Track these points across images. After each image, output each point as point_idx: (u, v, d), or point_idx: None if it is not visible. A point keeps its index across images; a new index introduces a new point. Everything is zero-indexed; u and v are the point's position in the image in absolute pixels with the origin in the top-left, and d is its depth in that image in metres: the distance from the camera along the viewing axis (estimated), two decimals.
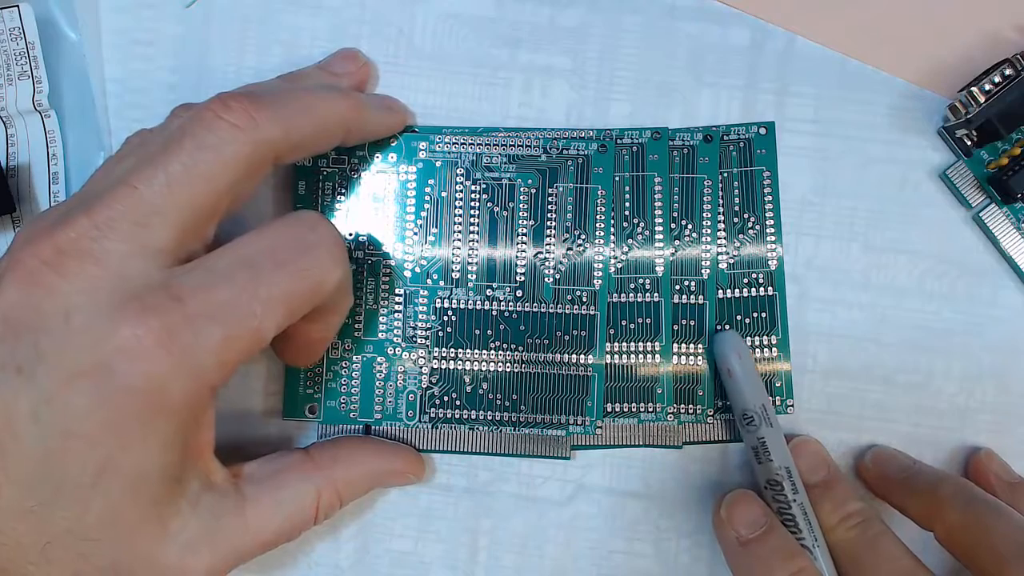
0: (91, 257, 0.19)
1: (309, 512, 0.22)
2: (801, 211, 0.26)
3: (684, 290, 0.25)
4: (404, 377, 0.25)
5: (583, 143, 0.25)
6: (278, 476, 0.22)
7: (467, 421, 0.25)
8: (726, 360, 0.24)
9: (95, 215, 0.19)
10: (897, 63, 0.26)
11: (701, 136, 0.25)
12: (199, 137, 0.20)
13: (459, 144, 0.25)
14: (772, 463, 0.23)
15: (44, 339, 0.18)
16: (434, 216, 0.25)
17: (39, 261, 0.18)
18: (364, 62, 0.26)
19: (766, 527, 0.22)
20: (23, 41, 0.25)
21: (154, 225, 0.19)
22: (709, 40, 0.26)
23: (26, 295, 0.18)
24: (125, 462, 0.19)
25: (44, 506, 0.18)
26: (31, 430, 0.18)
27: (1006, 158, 0.25)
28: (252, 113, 0.20)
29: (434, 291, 0.25)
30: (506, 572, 0.26)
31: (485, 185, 0.25)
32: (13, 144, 0.25)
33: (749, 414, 0.23)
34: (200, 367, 0.19)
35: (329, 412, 0.25)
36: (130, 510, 0.19)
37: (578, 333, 0.25)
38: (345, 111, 0.23)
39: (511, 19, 0.26)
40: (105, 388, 0.18)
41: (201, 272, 0.19)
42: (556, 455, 0.25)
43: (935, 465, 0.25)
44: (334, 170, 0.25)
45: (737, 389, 0.24)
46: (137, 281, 0.19)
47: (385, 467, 0.24)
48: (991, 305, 0.26)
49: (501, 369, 0.25)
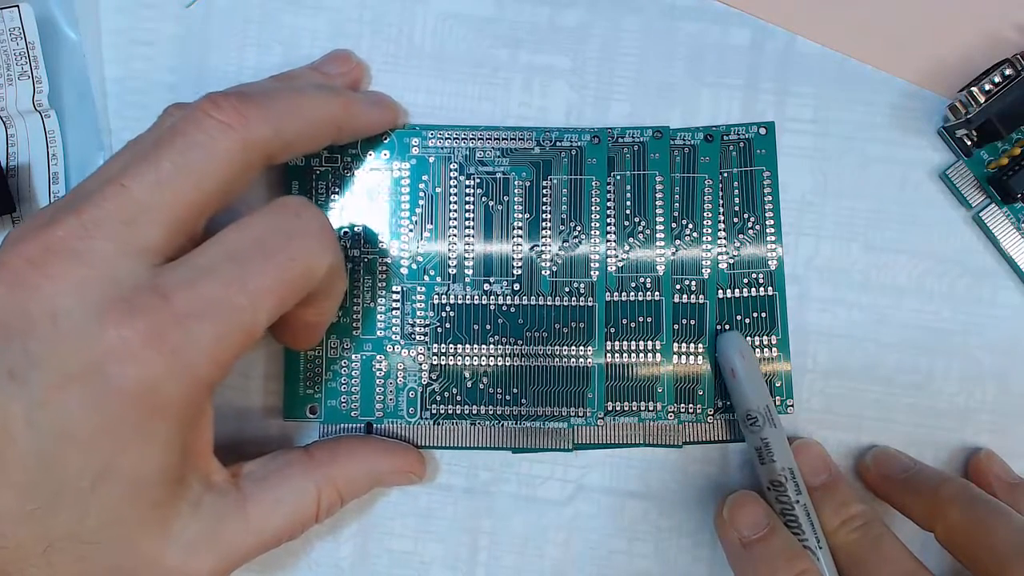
0: (78, 257, 0.18)
1: (310, 510, 0.22)
2: (801, 211, 0.26)
3: (685, 289, 0.25)
4: (404, 374, 0.25)
5: (576, 134, 0.25)
6: (278, 475, 0.22)
7: (468, 416, 0.25)
8: (729, 360, 0.24)
9: (83, 214, 0.19)
10: (897, 63, 0.26)
11: (702, 136, 0.25)
12: (190, 136, 0.20)
13: (452, 139, 0.25)
14: (775, 464, 0.23)
15: (33, 342, 0.18)
16: (429, 212, 0.25)
17: (25, 261, 0.18)
18: (356, 63, 0.25)
19: (768, 528, 0.22)
20: (23, 41, 0.25)
21: (143, 224, 0.19)
22: (709, 40, 0.26)
23: (12, 296, 0.18)
24: (123, 465, 0.19)
25: (44, 509, 0.18)
26: (26, 434, 0.18)
27: (1006, 158, 0.25)
28: (242, 112, 0.20)
29: (431, 287, 0.25)
30: (506, 572, 0.26)
31: (479, 180, 0.25)
32: (13, 144, 0.25)
33: (753, 415, 0.23)
34: (193, 366, 0.19)
35: (330, 412, 0.25)
36: (131, 512, 0.19)
37: (577, 325, 0.25)
38: (336, 109, 0.23)
39: (511, 19, 0.26)
40: (97, 391, 0.18)
41: (187, 269, 0.19)
42: (559, 447, 0.25)
43: (935, 465, 0.25)
44: (327, 168, 0.25)
45: (740, 390, 0.24)
46: (125, 281, 0.18)
47: (386, 465, 0.24)
48: (991, 305, 0.26)
49: (501, 363, 0.25)
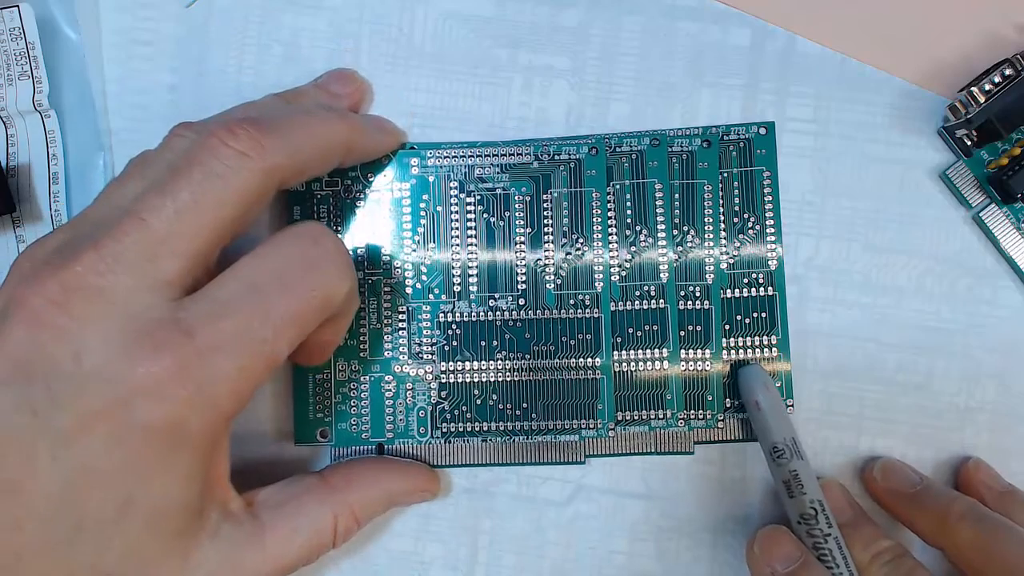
0: (99, 294, 0.18)
1: (327, 537, 0.22)
2: (801, 211, 0.26)
3: (689, 295, 0.25)
4: (413, 394, 0.25)
5: (574, 147, 0.25)
6: (295, 502, 0.22)
7: (479, 433, 0.25)
8: (753, 394, 0.24)
9: (102, 248, 0.18)
10: (897, 63, 0.26)
11: (699, 141, 0.25)
12: (207, 165, 0.19)
13: (451, 157, 0.25)
14: (805, 496, 0.23)
15: (56, 381, 0.18)
16: (431, 231, 0.25)
17: (45, 300, 0.18)
18: (360, 82, 0.26)
19: (801, 562, 0.22)
20: (23, 41, 0.25)
21: (162, 256, 0.19)
22: (709, 40, 0.26)
23: (34, 337, 0.18)
24: (145, 498, 0.19)
25: (67, 543, 0.18)
26: (51, 469, 0.18)
27: (1006, 158, 0.25)
28: (258, 140, 0.20)
29: (436, 306, 0.25)
30: (506, 572, 0.26)
31: (479, 196, 0.25)
32: (13, 144, 0.25)
33: (779, 447, 0.23)
34: (216, 399, 0.19)
35: (341, 435, 0.25)
36: (152, 544, 0.19)
37: (583, 337, 0.25)
38: (346, 133, 0.23)
39: (511, 19, 0.26)
40: (122, 428, 0.18)
41: (208, 303, 0.19)
42: (571, 461, 0.25)
43: (935, 465, 0.25)
44: (328, 192, 0.25)
45: (765, 423, 0.24)
46: (146, 316, 0.18)
47: (401, 486, 0.24)
48: (991, 305, 0.26)
49: (509, 378, 0.25)
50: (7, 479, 0.18)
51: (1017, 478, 0.25)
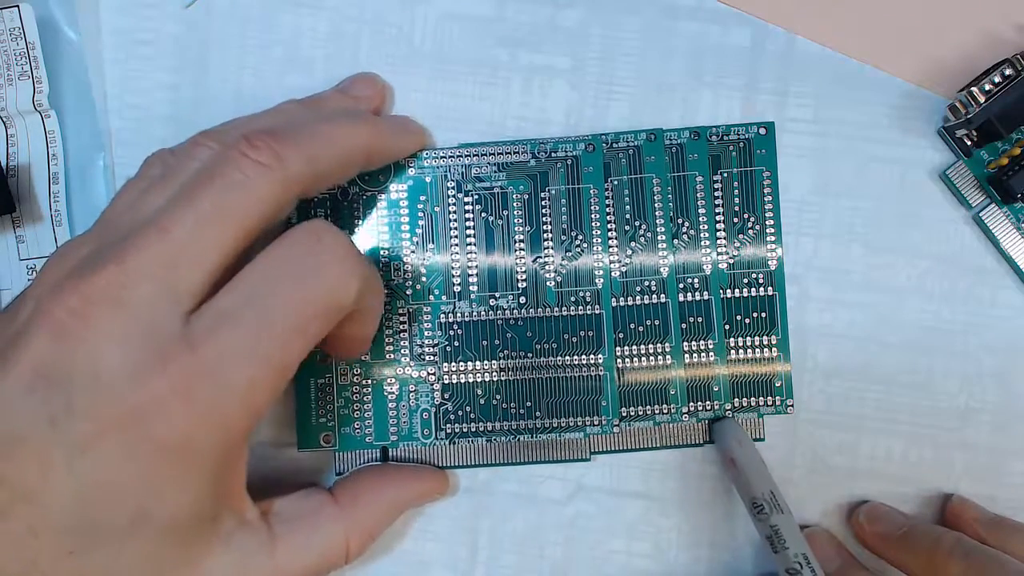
0: (121, 306, 0.18)
1: (339, 555, 0.22)
2: (801, 211, 0.26)
3: (688, 287, 0.25)
4: (416, 396, 0.25)
5: (571, 144, 0.25)
6: (307, 520, 0.22)
7: (484, 433, 0.25)
8: (728, 450, 0.24)
9: (125, 261, 0.18)
10: (897, 63, 0.26)
11: (688, 133, 0.25)
12: (228, 176, 0.19)
13: (448, 157, 0.25)
14: (788, 551, 0.22)
15: (75, 392, 0.18)
16: (429, 231, 0.25)
17: (67, 311, 0.18)
18: (382, 85, 0.26)
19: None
20: (23, 41, 0.25)
21: (183, 268, 0.19)
22: (709, 40, 0.26)
23: (55, 347, 0.18)
24: (159, 509, 0.19)
25: (82, 552, 0.18)
26: (66, 479, 0.18)
27: (1006, 158, 0.25)
28: (279, 151, 0.20)
29: (437, 307, 0.25)
30: (506, 572, 0.26)
31: (477, 195, 0.25)
32: (13, 144, 0.25)
33: (759, 502, 0.23)
34: (225, 415, 0.19)
35: (344, 439, 0.25)
36: (165, 553, 0.19)
37: (585, 334, 0.25)
38: (367, 138, 0.23)
39: (511, 19, 0.26)
40: (135, 441, 0.18)
41: (211, 316, 0.19)
42: (576, 458, 0.25)
43: (935, 465, 0.25)
44: (325, 196, 0.25)
45: (742, 478, 0.23)
46: (161, 329, 0.18)
47: (410, 493, 0.24)
48: (991, 305, 0.26)
49: (512, 377, 0.25)
50: (24, 487, 0.18)
51: (1017, 478, 0.25)
